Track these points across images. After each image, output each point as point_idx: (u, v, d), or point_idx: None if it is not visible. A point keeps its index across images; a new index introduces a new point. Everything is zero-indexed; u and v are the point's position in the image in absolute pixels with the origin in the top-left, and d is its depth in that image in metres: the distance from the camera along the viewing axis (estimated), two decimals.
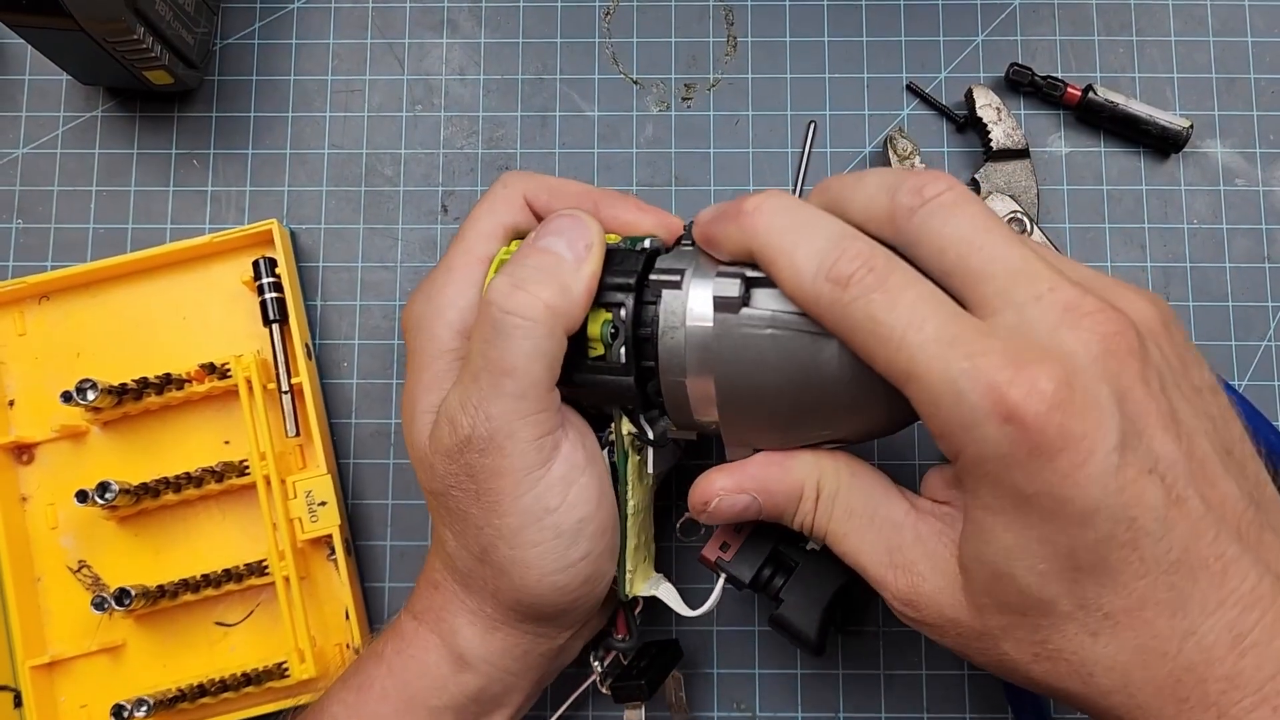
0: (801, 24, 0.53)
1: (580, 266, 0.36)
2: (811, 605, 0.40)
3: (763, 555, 0.41)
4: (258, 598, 0.48)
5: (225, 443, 0.49)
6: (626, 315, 0.37)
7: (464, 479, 0.37)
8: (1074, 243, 0.51)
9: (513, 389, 0.35)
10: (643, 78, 0.53)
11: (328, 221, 0.51)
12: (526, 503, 0.36)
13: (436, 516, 0.39)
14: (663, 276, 0.37)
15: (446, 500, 0.38)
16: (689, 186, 0.51)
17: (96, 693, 0.47)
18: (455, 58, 0.53)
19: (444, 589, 0.39)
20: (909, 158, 0.50)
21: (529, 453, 0.36)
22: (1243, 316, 0.50)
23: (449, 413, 0.37)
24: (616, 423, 0.39)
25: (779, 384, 0.35)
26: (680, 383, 0.36)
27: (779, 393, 0.35)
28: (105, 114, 0.52)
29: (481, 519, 0.37)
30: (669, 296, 0.36)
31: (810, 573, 0.40)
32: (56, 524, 0.48)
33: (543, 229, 0.38)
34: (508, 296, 0.35)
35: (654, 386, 0.37)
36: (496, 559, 0.37)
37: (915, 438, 0.49)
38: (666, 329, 0.36)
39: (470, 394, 0.36)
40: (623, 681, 0.43)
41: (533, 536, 0.37)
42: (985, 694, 0.48)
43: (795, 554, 0.41)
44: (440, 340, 0.39)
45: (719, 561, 0.41)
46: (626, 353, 0.37)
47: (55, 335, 0.49)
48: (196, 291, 0.49)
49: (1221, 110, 0.52)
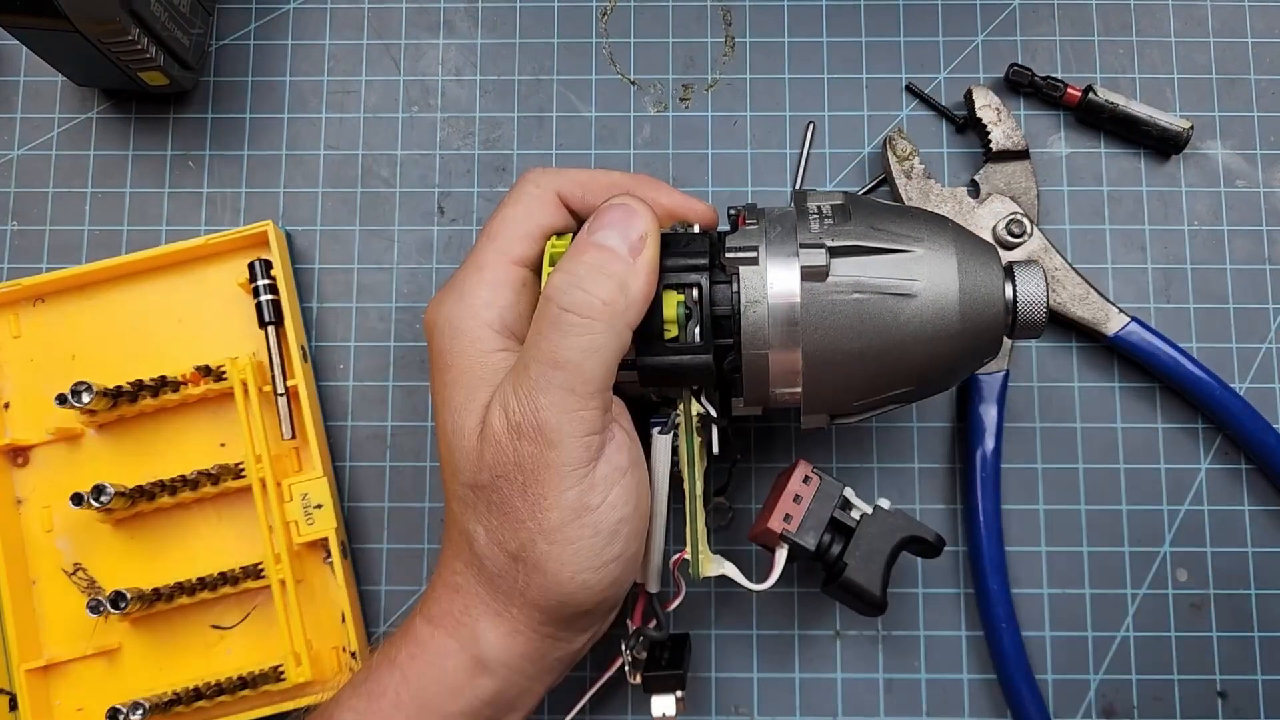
0: (800, 24, 0.53)
1: (636, 259, 0.37)
2: (873, 565, 0.42)
3: (823, 522, 0.42)
4: (254, 601, 0.48)
5: (221, 445, 0.48)
6: (702, 295, 0.38)
7: (512, 469, 0.37)
8: (1074, 244, 0.51)
9: (562, 381, 0.36)
10: (640, 78, 0.52)
11: (324, 223, 0.51)
12: (570, 498, 0.37)
13: (470, 513, 0.38)
14: (738, 254, 0.38)
15: (490, 493, 0.37)
16: (687, 187, 0.51)
17: (92, 696, 0.47)
18: (452, 58, 0.53)
19: (466, 592, 0.39)
20: (908, 159, 0.50)
21: (576, 448, 0.37)
22: (1243, 318, 0.50)
23: (503, 400, 0.37)
24: (685, 404, 0.40)
25: (863, 346, 0.38)
26: (763, 355, 0.38)
27: (862, 354, 0.38)
28: (100, 115, 0.52)
29: (525, 512, 0.37)
30: (747, 272, 0.38)
31: (869, 534, 0.42)
32: (52, 527, 0.48)
33: (595, 221, 0.38)
34: (564, 293, 0.36)
35: (732, 363, 0.39)
36: (533, 555, 0.37)
37: (915, 439, 0.49)
38: (749, 303, 0.38)
39: (522, 382, 0.37)
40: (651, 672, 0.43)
41: (572, 533, 0.37)
42: (985, 698, 0.48)
43: (849, 518, 0.43)
44: (483, 340, 0.39)
45: (784, 534, 0.42)
46: (703, 332, 0.38)
47: (50, 337, 0.49)
48: (192, 293, 0.49)
49: (1222, 111, 0.52)
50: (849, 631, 0.48)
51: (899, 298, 0.37)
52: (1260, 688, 0.47)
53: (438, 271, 0.51)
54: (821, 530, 0.42)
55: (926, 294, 0.38)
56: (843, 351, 0.38)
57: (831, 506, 0.43)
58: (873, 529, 0.42)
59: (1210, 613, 0.48)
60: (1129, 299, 0.50)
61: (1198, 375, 0.48)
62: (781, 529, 0.42)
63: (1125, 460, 0.49)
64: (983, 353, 0.40)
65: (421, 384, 0.50)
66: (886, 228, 0.39)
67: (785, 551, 0.42)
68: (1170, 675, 0.47)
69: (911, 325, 0.38)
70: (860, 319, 0.38)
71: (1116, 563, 0.48)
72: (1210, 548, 0.48)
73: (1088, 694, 0.47)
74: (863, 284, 0.37)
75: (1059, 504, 0.49)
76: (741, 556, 0.47)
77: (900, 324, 0.38)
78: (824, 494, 0.43)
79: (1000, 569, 0.47)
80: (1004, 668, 0.46)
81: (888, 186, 0.51)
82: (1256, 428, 0.48)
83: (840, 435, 0.49)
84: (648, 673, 0.43)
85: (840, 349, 0.38)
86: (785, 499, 0.42)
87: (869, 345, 0.38)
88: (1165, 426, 0.49)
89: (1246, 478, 0.49)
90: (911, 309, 0.38)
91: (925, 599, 0.48)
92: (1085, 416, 0.49)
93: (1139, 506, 0.49)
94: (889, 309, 0.37)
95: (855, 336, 0.38)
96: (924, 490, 0.49)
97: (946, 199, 0.49)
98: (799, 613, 0.48)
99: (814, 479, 0.43)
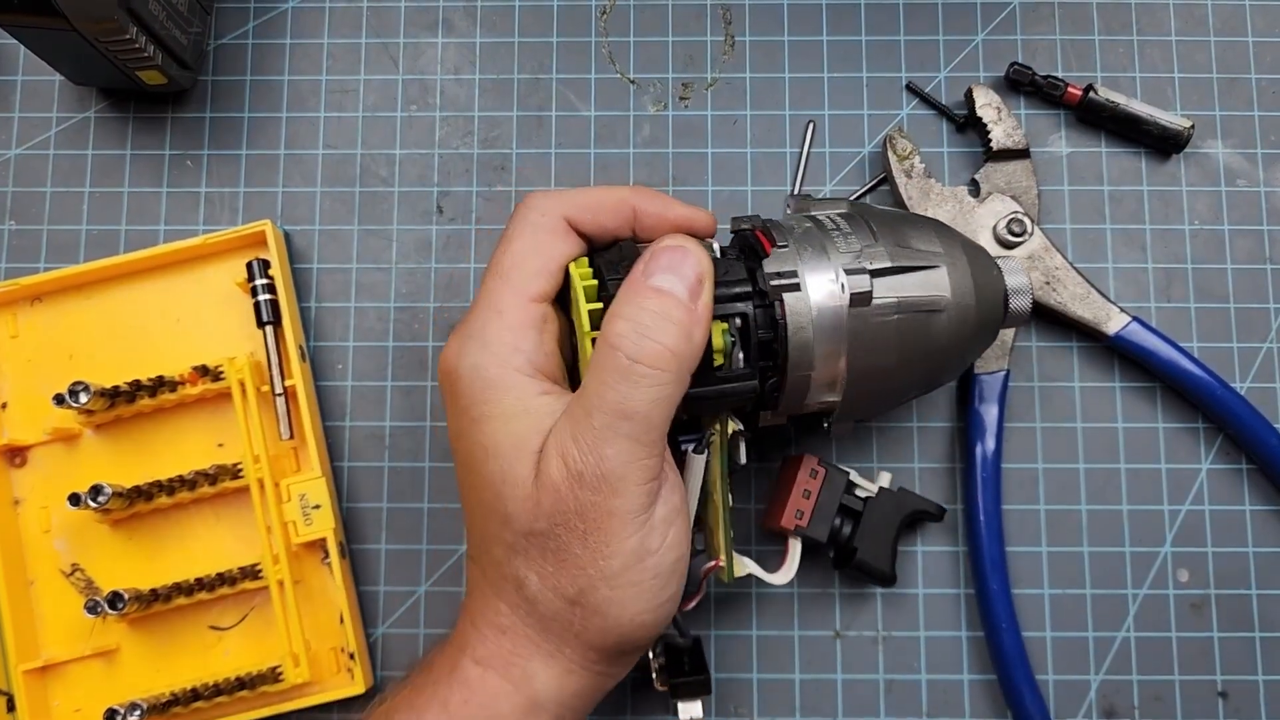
0: (800, 23, 0.52)
1: (697, 303, 0.37)
2: (881, 544, 0.45)
3: (833, 512, 0.45)
4: (252, 601, 0.47)
5: (219, 445, 0.48)
6: (751, 323, 0.38)
7: (573, 517, 0.36)
8: (1074, 244, 0.51)
9: (629, 431, 0.35)
10: (640, 77, 0.52)
11: (322, 223, 0.51)
12: (632, 544, 0.36)
13: (520, 560, 0.37)
14: (781, 281, 0.39)
15: (548, 540, 0.36)
16: (686, 187, 0.51)
17: (90, 697, 0.47)
18: (450, 57, 0.52)
19: (514, 633, 0.38)
20: (908, 158, 0.49)
21: (639, 495, 0.36)
22: (1244, 318, 0.50)
23: (560, 447, 0.36)
24: (723, 424, 0.41)
25: (899, 361, 0.40)
26: (806, 376, 0.39)
27: (897, 368, 0.40)
28: (98, 115, 0.52)
29: (586, 559, 0.36)
30: (791, 299, 0.38)
31: (875, 515, 0.45)
32: (49, 527, 0.48)
33: (652, 264, 0.37)
34: (633, 342, 0.35)
35: (773, 384, 0.40)
36: (593, 600, 0.36)
37: (915, 439, 0.49)
38: (796, 330, 0.38)
39: (584, 432, 0.35)
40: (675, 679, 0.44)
41: (634, 577, 0.36)
42: (985, 698, 0.47)
43: (856, 501, 0.45)
44: (519, 388, 0.37)
45: (798, 529, 0.45)
46: (749, 358, 0.39)
47: (48, 337, 0.49)
48: (190, 293, 0.49)
49: (1223, 110, 0.52)
50: (849, 632, 0.48)
51: (930, 313, 0.40)
52: (1261, 688, 0.47)
53: (436, 271, 0.51)
54: (831, 519, 0.45)
55: (952, 307, 0.40)
56: (881, 368, 0.40)
57: (839, 495, 0.45)
58: (878, 510, 0.45)
59: (1211, 613, 0.48)
60: (1129, 298, 0.50)
61: (1198, 375, 0.48)
62: (795, 525, 0.44)
63: (1126, 460, 0.49)
64: (987, 344, 0.44)
65: (420, 384, 0.50)
66: (910, 244, 0.40)
67: (799, 543, 0.45)
68: (1171, 675, 0.47)
69: (941, 337, 0.40)
70: (899, 336, 0.39)
71: (1117, 563, 0.48)
72: (1211, 548, 0.48)
73: (1088, 694, 0.47)
74: (903, 304, 0.39)
75: (1059, 504, 0.49)
76: (747, 550, 0.47)
77: (932, 336, 0.40)
78: (831, 484, 0.45)
79: (1001, 569, 0.47)
80: (1004, 668, 0.46)
81: (888, 186, 0.51)
82: (1257, 427, 0.48)
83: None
84: (674, 679, 0.44)
85: (879, 365, 0.39)
86: (795, 495, 0.45)
87: (905, 360, 0.40)
88: (1166, 426, 0.49)
89: (1247, 478, 0.49)
90: (941, 322, 0.40)
91: (925, 599, 0.48)
92: (1086, 416, 0.49)
93: (1139, 506, 0.49)
94: (922, 324, 0.40)
95: (894, 352, 0.39)
96: (924, 490, 0.49)
97: (947, 198, 0.49)
98: (799, 613, 0.48)
99: (820, 471, 0.45)
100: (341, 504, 0.49)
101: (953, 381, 0.48)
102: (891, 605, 0.48)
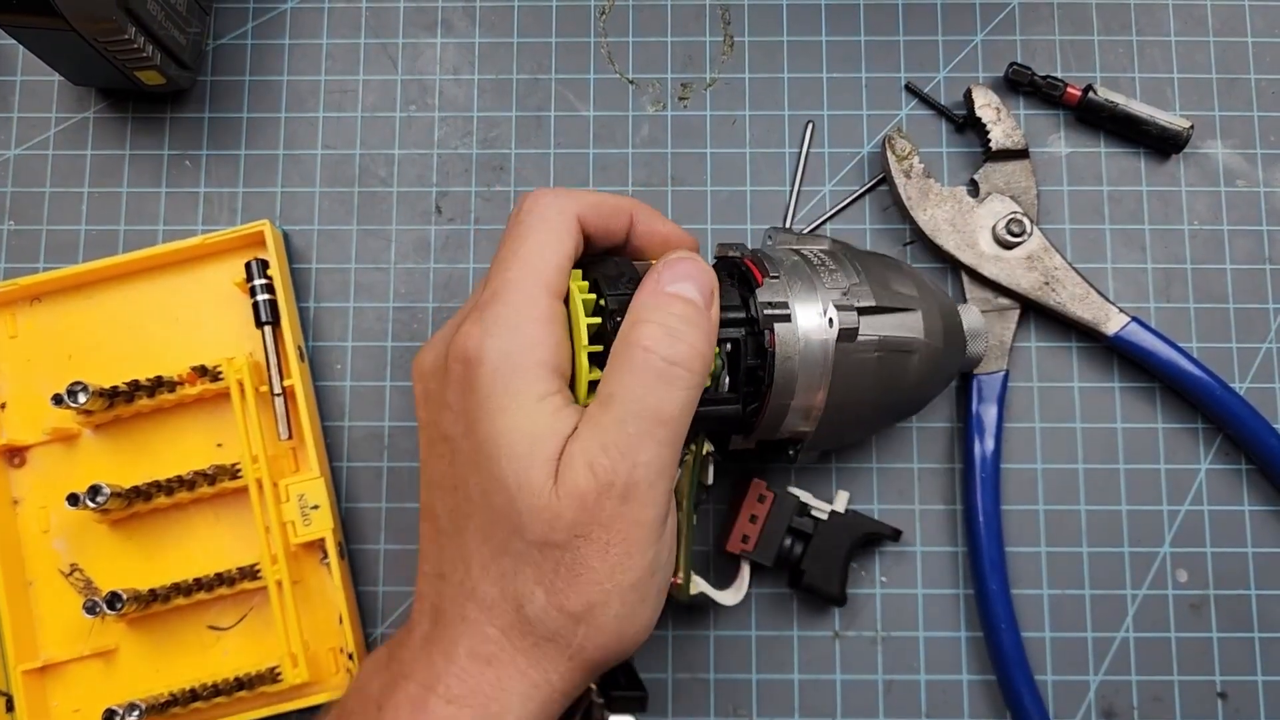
0: (799, 23, 0.52)
1: (710, 312, 0.37)
2: (830, 566, 0.46)
3: (780, 535, 0.45)
4: (250, 602, 0.47)
5: (217, 445, 0.48)
6: (742, 349, 0.39)
7: (596, 529, 0.34)
8: (1074, 244, 0.51)
9: (664, 437, 0.35)
10: (639, 77, 0.52)
11: (321, 223, 0.51)
12: (650, 556, 0.35)
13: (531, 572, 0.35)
14: (772, 311, 0.40)
15: (564, 553, 0.34)
16: (685, 187, 0.51)
17: (88, 697, 0.47)
18: (449, 57, 0.52)
19: (501, 663, 0.35)
20: (907, 158, 0.49)
21: (664, 503, 0.35)
22: (1243, 318, 0.50)
23: (588, 456, 0.34)
24: (699, 446, 0.42)
25: (876, 397, 0.41)
26: (786, 405, 0.40)
27: (875, 403, 0.42)
28: (97, 115, 0.52)
29: (604, 573, 0.35)
30: (782, 329, 0.39)
31: (824, 537, 0.46)
32: (48, 527, 0.48)
33: (670, 272, 0.37)
34: (671, 347, 0.35)
35: (753, 410, 0.40)
36: (602, 617, 0.35)
37: (915, 439, 0.49)
38: (783, 359, 0.39)
39: (615, 438, 0.34)
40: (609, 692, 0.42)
41: (646, 591, 0.36)
42: (984, 699, 0.47)
43: (807, 524, 0.46)
44: (541, 383, 0.35)
45: (743, 553, 0.45)
46: (735, 383, 0.40)
47: (47, 337, 0.49)
48: (188, 293, 0.49)
49: (1222, 111, 0.51)
50: (848, 632, 0.48)
51: (905, 354, 0.42)
52: (1260, 688, 0.47)
53: (435, 271, 0.51)
54: (779, 543, 0.45)
55: (925, 348, 0.42)
56: (858, 401, 0.41)
57: (787, 519, 0.45)
58: (828, 533, 0.46)
59: (1210, 613, 0.48)
60: (1129, 299, 0.50)
61: (1198, 375, 0.48)
62: (740, 549, 0.45)
63: (1125, 460, 0.49)
64: (946, 384, 0.47)
65: None
66: (891, 287, 0.42)
67: (748, 565, 0.46)
68: (1170, 676, 0.47)
69: (915, 375, 0.42)
70: (878, 373, 0.41)
71: (1116, 563, 0.48)
72: (1210, 548, 0.48)
73: (1087, 695, 0.47)
74: (885, 342, 0.41)
75: (1059, 504, 0.49)
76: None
77: (907, 374, 0.42)
78: (779, 508, 0.45)
79: (1000, 569, 0.47)
80: (1004, 669, 0.46)
81: (886, 186, 0.51)
82: (1257, 428, 0.47)
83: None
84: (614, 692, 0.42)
85: (856, 400, 0.41)
86: (742, 519, 0.45)
87: (881, 396, 0.42)
88: (1165, 426, 0.49)
89: (1246, 478, 0.49)
90: (915, 362, 0.42)
91: (925, 599, 0.48)
92: (1085, 416, 0.49)
93: (1139, 507, 0.49)
94: (899, 363, 0.42)
95: (871, 389, 0.41)
96: (924, 490, 0.49)
97: (946, 198, 0.49)
98: (798, 613, 0.48)
99: (768, 496, 0.45)
100: (340, 504, 0.49)
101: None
102: (891, 606, 0.48)
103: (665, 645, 0.48)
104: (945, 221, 0.49)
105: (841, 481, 0.49)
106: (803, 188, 0.51)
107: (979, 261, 0.49)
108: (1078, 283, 0.48)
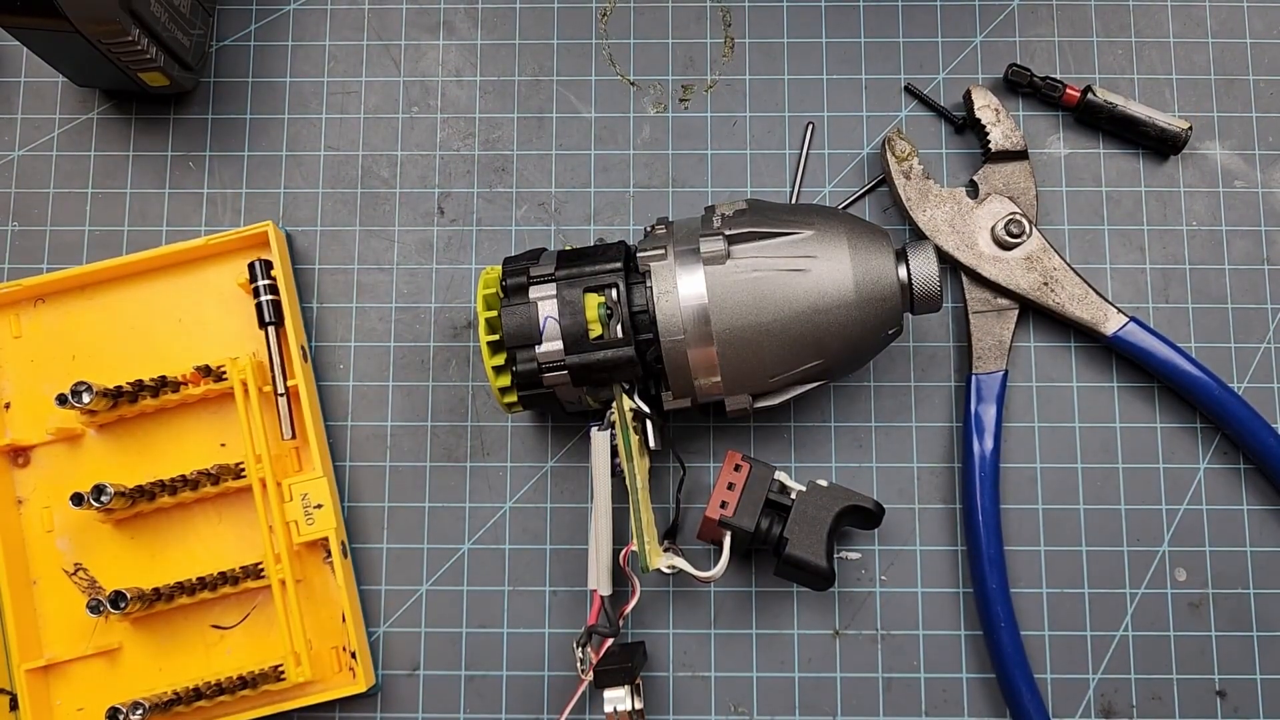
0: (799, 25, 0.53)
1: None
2: (814, 537, 0.44)
3: (758, 505, 0.45)
4: (254, 600, 0.48)
5: (221, 445, 0.48)
6: (619, 294, 0.42)
7: None
8: (1073, 244, 0.51)
9: None
10: (640, 79, 0.52)
11: (324, 223, 0.51)
12: None
13: None
14: (648, 252, 0.42)
15: None
16: (686, 188, 0.51)
17: (92, 696, 0.47)
18: (452, 59, 0.53)
19: None
20: (907, 159, 0.50)
21: None
22: (1242, 318, 0.50)
23: None
24: (619, 400, 0.43)
25: (767, 320, 0.42)
26: (680, 342, 0.42)
27: (768, 328, 0.42)
28: (100, 116, 0.52)
29: None
30: (658, 267, 0.42)
31: (805, 509, 0.45)
32: (52, 527, 0.48)
33: None
34: None
35: (653, 354, 0.42)
36: None
37: (915, 439, 0.49)
38: (660, 294, 0.42)
39: None
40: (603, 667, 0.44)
41: None
42: (984, 697, 0.48)
43: (785, 498, 0.45)
44: None
45: (723, 519, 0.44)
46: (623, 327, 0.42)
47: (51, 338, 0.49)
48: (192, 294, 0.49)
49: (1221, 112, 0.52)
50: (848, 630, 0.48)
51: (793, 273, 0.42)
52: (1259, 687, 0.47)
53: (437, 272, 0.51)
54: (758, 512, 0.45)
55: (819, 269, 0.42)
56: (750, 327, 0.42)
57: (765, 490, 0.45)
58: (809, 503, 0.45)
59: (1209, 612, 0.48)
60: (1128, 299, 0.50)
61: (1196, 375, 0.48)
62: (719, 515, 0.45)
63: (1124, 460, 0.49)
64: (885, 324, 0.44)
65: (421, 384, 0.50)
66: (779, 217, 0.43)
67: (729, 537, 0.45)
68: (1169, 674, 0.48)
69: (809, 297, 0.42)
70: (761, 295, 0.42)
71: (1115, 562, 0.48)
72: (1209, 547, 0.48)
73: (1087, 693, 0.48)
74: (760, 264, 0.42)
75: (1058, 503, 0.49)
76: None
77: (797, 297, 0.42)
78: (756, 478, 0.45)
79: (999, 568, 0.47)
80: (1003, 667, 0.46)
81: (886, 187, 0.51)
82: (1255, 427, 0.48)
83: (839, 436, 0.49)
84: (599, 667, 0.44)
85: (748, 324, 0.42)
86: (720, 487, 0.45)
87: (773, 319, 0.42)
88: (1164, 426, 0.49)
89: (1245, 477, 0.49)
90: (807, 283, 0.42)
91: (925, 598, 0.48)
92: (1084, 416, 0.49)
93: (1138, 506, 0.49)
94: (785, 284, 0.42)
95: (758, 311, 0.42)
96: (924, 490, 0.49)
97: (945, 199, 0.49)
98: (798, 612, 0.48)
99: (744, 466, 0.45)
100: (343, 503, 0.49)
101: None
102: (891, 604, 0.48)
103: (666, 644, 0.48)
104: (944, 222, 0.49)
105: (841, 481, 0.49)
106: (803, 188, 0.51)
107: (978, 262, 0.49)
108: (1076, 283, 0.49)
